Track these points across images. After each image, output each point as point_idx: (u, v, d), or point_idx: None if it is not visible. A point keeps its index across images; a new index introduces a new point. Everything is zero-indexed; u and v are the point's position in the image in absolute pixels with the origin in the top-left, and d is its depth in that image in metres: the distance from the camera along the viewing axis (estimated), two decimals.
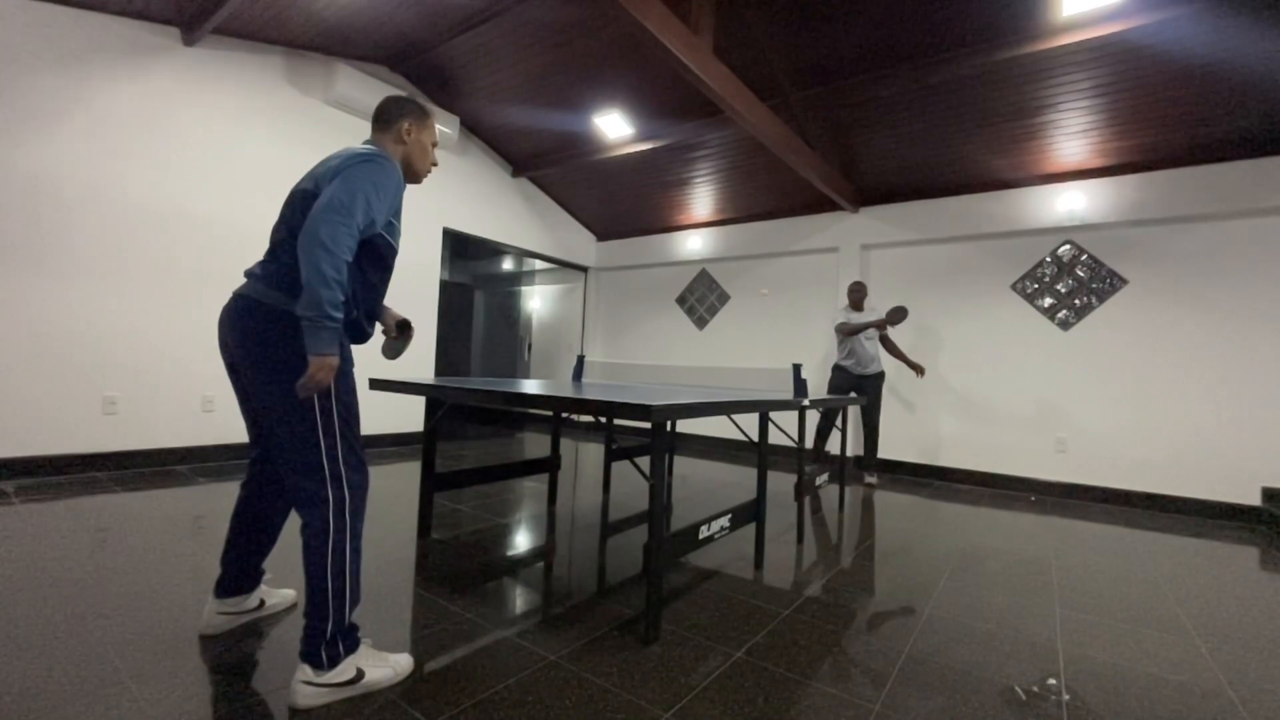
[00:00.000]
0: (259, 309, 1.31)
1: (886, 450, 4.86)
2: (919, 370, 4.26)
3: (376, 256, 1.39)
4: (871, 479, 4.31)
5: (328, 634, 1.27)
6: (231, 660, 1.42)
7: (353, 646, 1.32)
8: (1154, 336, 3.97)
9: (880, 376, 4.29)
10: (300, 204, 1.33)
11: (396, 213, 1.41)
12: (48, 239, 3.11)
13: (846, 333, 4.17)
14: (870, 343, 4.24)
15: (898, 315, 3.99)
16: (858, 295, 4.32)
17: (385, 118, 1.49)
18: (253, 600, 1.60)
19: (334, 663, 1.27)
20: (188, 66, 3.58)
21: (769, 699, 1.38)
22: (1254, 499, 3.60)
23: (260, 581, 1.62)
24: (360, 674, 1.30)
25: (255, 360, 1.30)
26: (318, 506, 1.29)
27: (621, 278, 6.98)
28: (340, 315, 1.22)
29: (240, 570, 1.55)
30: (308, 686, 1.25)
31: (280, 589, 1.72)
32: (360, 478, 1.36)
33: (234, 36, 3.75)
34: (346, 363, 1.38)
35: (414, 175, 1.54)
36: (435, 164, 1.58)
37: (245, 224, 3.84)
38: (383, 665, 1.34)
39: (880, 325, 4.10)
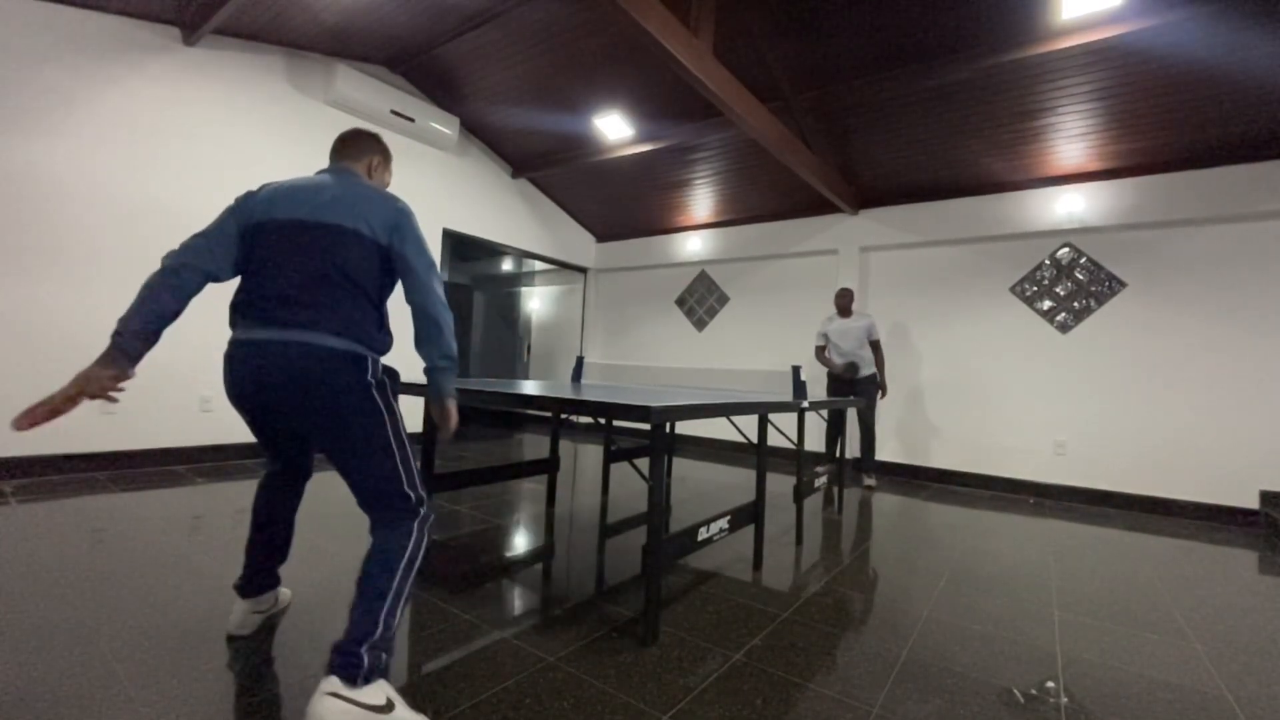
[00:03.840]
0: (342, 357, 1.27)
1: (885, 453, 4.86)
2: (883, 390, 4.36)
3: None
4: (870, 481, 4.32)
5: (375, 636, 1.18)
6: (230, 660, 1.42)
7: (386, 669, 1.21)
8: (1153, 339, 3.97)
9: (871, 379, 4.31)
10: (354, 246, 1.31)
11: None
12: (47, 238, 3.10)
13: (817, 358, 4.47)
14: (852, 351, 4.28)
15: (850, 371, 4.28)
16: (844, 301, 4.39)
17: (356, 149, 1.53)
18: (270, 599, 1.62)
19: (371, 675, 1.15)
20: (188, 66, 3.58)
21: (767, 701, 1.38)
22: (1252, 502, 3.61)
23: (278, 581, 1.65)
24: (391, 704, 1.16)
25: (341, 408, 1.27)
26: (407, 520, 1.31)
27: (621, 279, 6.98)
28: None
29: (265, 571, 1.58)
30: (336, 700, 1.10)
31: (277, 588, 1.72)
32: (428, 494, 1.43)
33: (234, 36, 3.75)
34: (399, 401, 1.41)
35: None
36: None
37: None
38: (414, 714, 1.20)
39: (837, 370, 4.31)
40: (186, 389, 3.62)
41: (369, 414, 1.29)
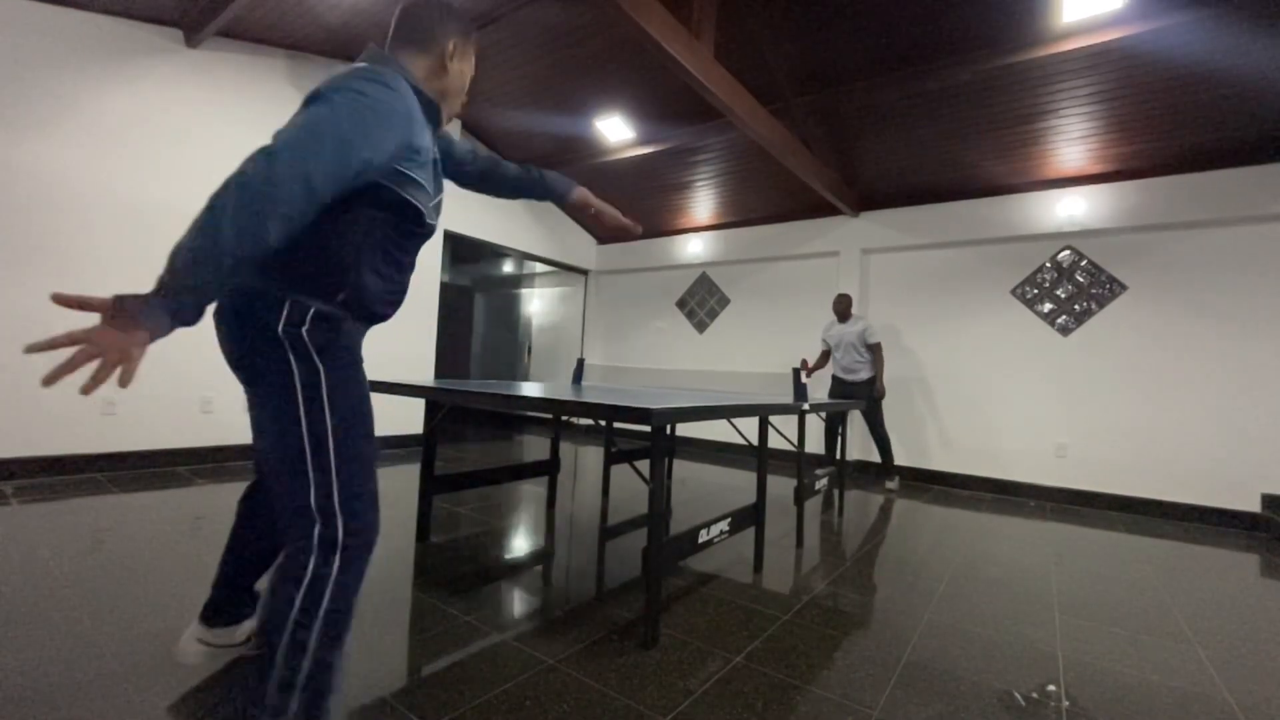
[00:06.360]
0: (242, 292, 0.99)
1: None
2: (881, 392, 4.38)
3: (393, 209, 1.02)
4: (891, 484, 4.31)
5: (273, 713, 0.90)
6: (231, 659, 1.41)
7: None
8: (1153, 342, 3.97)
9: (870, 382, 4.32)
10: None
11: (415, 154, 0.99)
12: (47, 238, 3.11)
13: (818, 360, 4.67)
14: (846, 354, 4.37)
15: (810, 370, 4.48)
16: (841, 305, 4.45)
17: (421, 31, 1.06)
18: (241, 632, 1.36)
19: None
20: (190, 68, 3.59)
21: (768, 704, 1.37)
22: (1254, 505, 3.60)
23: (254, 612, 1.39)
24: None
25: (239, 360, 1.01)
26: (300, 550, 0.96)
27: (622, 281, 6.98)
28: (200, 286, 0.77)
29: (233, 593, 1.33)
30: None
31: None
32: (362, 521, 1.00)
33: (237, 38, 3.76)
34: (349, 368, 1.03)
35: (442, 115, 1.13)
36: (466, 103, 1.19)
37: None
38: None
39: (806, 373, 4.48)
40: (187, 389, 3.62)
41: (271, 375, 0.96)
